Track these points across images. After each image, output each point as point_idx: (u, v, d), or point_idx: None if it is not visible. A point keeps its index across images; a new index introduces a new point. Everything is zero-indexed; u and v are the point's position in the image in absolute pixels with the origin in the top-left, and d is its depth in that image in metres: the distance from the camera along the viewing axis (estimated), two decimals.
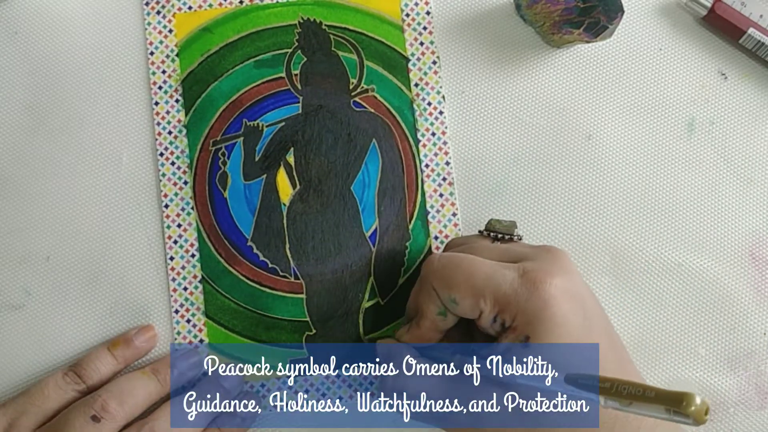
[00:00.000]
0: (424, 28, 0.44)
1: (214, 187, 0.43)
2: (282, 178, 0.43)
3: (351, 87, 0.43)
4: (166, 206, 0.43)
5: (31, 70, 0.43)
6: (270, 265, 0.42)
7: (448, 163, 0.43)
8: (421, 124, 0.43)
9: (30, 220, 0.42)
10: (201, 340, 0.42)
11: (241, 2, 0.44)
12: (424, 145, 0.43)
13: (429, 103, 0.43)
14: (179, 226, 0.43)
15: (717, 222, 0.43)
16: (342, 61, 0.44)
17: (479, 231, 0.40)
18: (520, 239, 0.39)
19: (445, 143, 0.43)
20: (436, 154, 0.43)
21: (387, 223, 0.42)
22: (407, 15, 0.44)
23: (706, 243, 0.43)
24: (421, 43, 0.44)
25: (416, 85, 0.43)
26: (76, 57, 0.44)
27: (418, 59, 0.44)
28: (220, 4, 0.44)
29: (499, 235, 0.39)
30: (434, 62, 0.43)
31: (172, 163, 0.43)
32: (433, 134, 0.43)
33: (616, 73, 0.44)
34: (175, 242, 0.42)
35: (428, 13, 0.44)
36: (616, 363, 0.34)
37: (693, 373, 0.42)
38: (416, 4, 0.44)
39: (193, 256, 0.42)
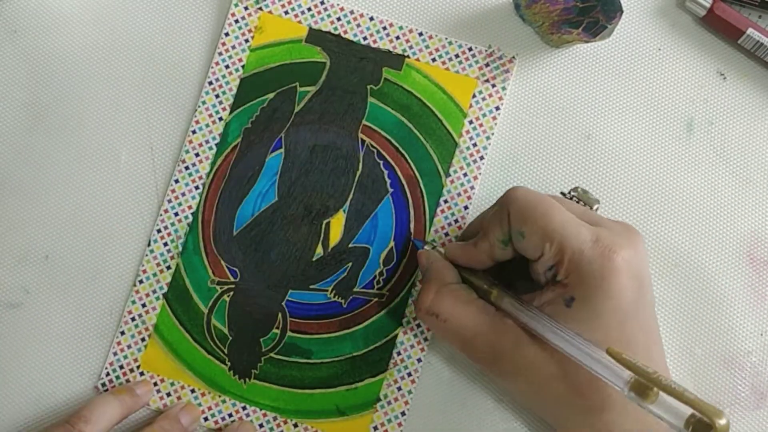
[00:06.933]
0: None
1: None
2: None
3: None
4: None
5: (31, 70, 0.43)
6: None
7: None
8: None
9: (29, 219, 0.43)
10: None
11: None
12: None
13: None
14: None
15: (715, 222, 0.43)
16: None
17: (561, 192, 0.40)
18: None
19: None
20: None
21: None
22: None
23: (704, 243, 0.43)
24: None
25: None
26: (76, 57, 0.44)
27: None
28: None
29: (580, 202, 0.39)
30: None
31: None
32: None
33: (615, 73, 0.44)
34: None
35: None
36: (645, 349, 0.34)
37: (689, 372, 0.42)
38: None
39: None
